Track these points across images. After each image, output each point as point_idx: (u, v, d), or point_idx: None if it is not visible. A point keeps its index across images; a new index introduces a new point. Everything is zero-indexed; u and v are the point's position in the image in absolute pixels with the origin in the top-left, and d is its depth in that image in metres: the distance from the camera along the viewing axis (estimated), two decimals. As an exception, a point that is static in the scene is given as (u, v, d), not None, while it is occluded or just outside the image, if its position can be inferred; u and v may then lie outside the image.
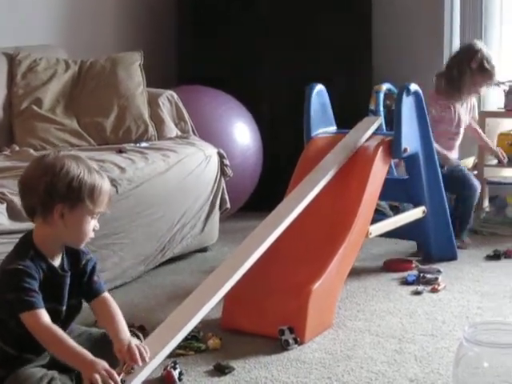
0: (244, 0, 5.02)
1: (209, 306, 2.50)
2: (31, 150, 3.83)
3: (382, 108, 4.18)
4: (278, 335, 2.77)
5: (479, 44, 4.24)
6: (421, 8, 5.04)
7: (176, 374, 2.50)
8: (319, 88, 3.61)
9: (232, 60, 4.97)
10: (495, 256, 3.83)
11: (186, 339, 2.59)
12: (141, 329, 2.90)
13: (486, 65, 4.14)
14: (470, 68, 4.14)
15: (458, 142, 4.26)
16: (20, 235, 2.98)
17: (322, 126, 3.63)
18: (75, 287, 2.31)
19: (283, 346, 2.75)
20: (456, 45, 4.94)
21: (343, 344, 2.81)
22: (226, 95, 4.69)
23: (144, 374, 2.18)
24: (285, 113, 4.88)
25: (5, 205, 3.05)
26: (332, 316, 3.01)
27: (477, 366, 2.10)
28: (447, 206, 3.73)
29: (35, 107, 4.08)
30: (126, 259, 3.53)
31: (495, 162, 4.59)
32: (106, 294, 2.37)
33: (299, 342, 2.78)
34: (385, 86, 4.29)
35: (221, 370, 2.58)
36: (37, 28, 4.59)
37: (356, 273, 3.50)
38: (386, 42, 5.02)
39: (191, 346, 2.75)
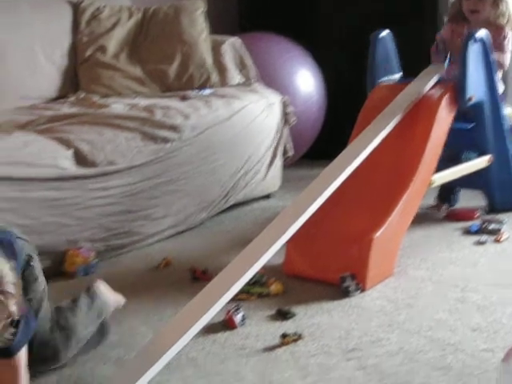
0: None
1: (271, 252, 2.51)
2: (96, 97, 3.88)
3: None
4: (340, 282, 2.79)
5: None
6: None
7: (238, 317, 2.53)
8: (385, 34, 3.57)
9: (295, 6, 4.93)
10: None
11: (248, 284, 2.61)
12: (204, 273, 2.95)
13: None
14: None
15: None
16: (86, 180, 3.09)
17: (387, 74, 3.59)
18: None
19: (345, 293, 2.76)
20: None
21: (405, 292, 2.81)
22: (290, 42, 4.65)
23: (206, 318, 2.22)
24: (349, 59, 4.83)
25: (71, 151, 3.10)
26: (394, 264, 3.01)
27: None
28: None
29: (99, 54, 4.11)
30: (190, 205, 3.57)
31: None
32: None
33: (361, 288, 2.79)
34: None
35: (283, 315, 2.61)
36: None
37: (419, 221, 3.46)
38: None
39: (254, 290, 2.78)
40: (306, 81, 4.56)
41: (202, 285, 2.44)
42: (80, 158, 3.11)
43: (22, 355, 1.94)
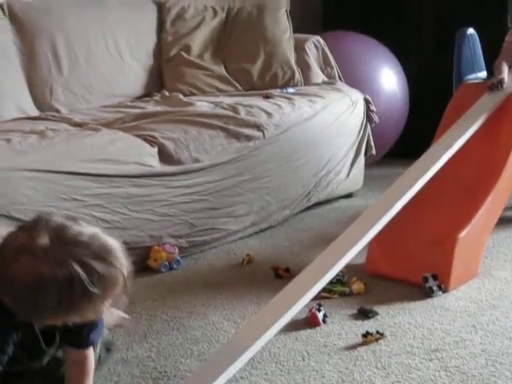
0: None
1: (354, 252, 2.51)
2: (180, 96, 3.92)
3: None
4: (422, 282, 2.76)
5: None
6: None
7: (320, 315, 2.53)
8: (470, 32, 3.55)
9: (377, 5, 4.92)
10: None
11: (330, 283, 2.61)
12: (286, 271, 2.96)
13: None
14: None
15: None
16: (170, 177, 3.13)
17: (473, 72, 3.56)
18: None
19: (427, 293, 2.74)
20: None
21: (488, 293, 2.77)
22: (373, 40, 4.65)
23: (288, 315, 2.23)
24: (432, 58, 4.80)
25: (156, 148, 3.15)
26: (477, 265, 2.97)
27: None
28: None
29: (184, 53, 4.18)
30: (272, 203, 3.59)
31: None
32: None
33: (443, 289, 2.76)
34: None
35: (365, 314, 2.60)
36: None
37: (504, 222, 3.42)
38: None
39: (336, 289, 2.78)
40: (389, 79, 4.54)
41: (284, 282, 2.44)
42: (165, 156, 3.15)
43: (92, 352, 1.98)
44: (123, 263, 1.68)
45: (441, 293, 2.75)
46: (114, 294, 1.69)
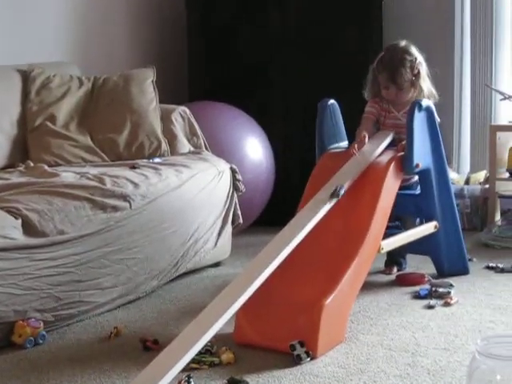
0: (252, 15, 5.08)
1: (222, 321, 2.52)
2: (45, 166, 3.87)
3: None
4: (290, 350, 2.79)
5: (393, 44, 3.74)
6: (431, 18, 5.09)
7: (190, 388, 2.52)
8: (331, 103, 3.64)
9: (243, 75, 5.02)
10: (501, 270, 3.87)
11: (199, 353, 2.60)
12: (154, 343, 2.93)
13: (384, 62, 3.65)
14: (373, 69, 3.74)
15: None
16: (34, 250, 3.06)
17: (335, 141, 3.65)
18: None
19: (296, 361, 2.76)
20: (467, 59, 5.00)
21: (356, 358, 2.82)
22: (238, 110, 4.73)
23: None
24: (296, 127, 4.91)
25: (20, 220, 3.08)
26: (344, 330, 3.02)
27: (490, 379, 2.09)
28: (459, 221, 3.74)
29: (49, 123, 4.13)
30: (140, 274, 3.55)
31: (507, 175, 4.61)
32: None
33: (311, 355, 2.79)
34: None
35: (234, 384, 2.60)
36: (50, 45, 4.67)
37: (368, 287, 3.52)
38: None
39: (205, 360, 2.76)
40: (255, 148, 4.62)
41: (153, 354, 2.43)
42: (29, 228, 3.09)
43: None
44: None
45: (309, 359, 2.78)
46: None
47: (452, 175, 3.88)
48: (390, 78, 3.62)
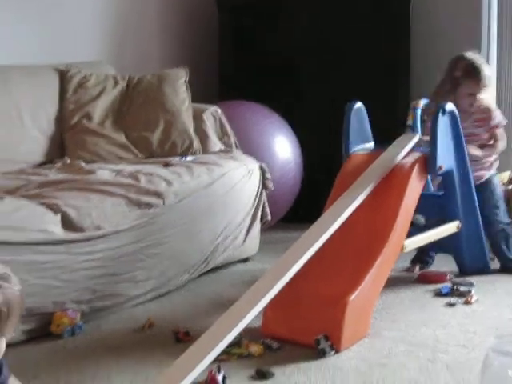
0: (281, 16, 5.15)
1: (251, 315, 2.62)
2: (82, 163, 4.00)
3: (419, 124, 4.23)
4: (315, 345, 2.88)
5: (466, 54, 3.94)
6: (459, 25, 5.13)
7: (220, 377, 2.61)
8: (358, 105, 3.70)
9: (272, 76, 5.08)
10: None
11: (228, 345, 2.67)
12: (186, 335, 3.04)
13: (470, 70, 3.84)
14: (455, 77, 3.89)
15: None
16: (73, 244, 3.19)
17: (361, 143, 3.72)
18: None
19: (320, 354, 2.86)
20: (493, 60, 5.04)
21: (378, 352, 2.91)
22: (268, 110, 4.78)
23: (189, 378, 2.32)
24: (325, 127, 4.97)
25: (59, 215, 3.20)
26: (368, 326, 3.11)
27: (502, 375, 2.14)
28: (480, 221, 3.82)
29: (85, 121, 4.24)
30: (171, 268, 3.67)
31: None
32: None
33: (335, 348, 2.88)
34: (422, 102, 4.29)
35: (262, 375, 2.70)
36: (87, 45, 4.77)
37: (392, 284, 3.57)
38: (424, 58, 5.11)
39: (234, 351, 2.86)
40: (284, 147, 4.68)
41: (185, 346, 2.54)
42: (67, 223, 3.20)
43: None
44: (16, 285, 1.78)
45: (333, 353, 2.88)
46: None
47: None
48: (476, 84, 3.81)
